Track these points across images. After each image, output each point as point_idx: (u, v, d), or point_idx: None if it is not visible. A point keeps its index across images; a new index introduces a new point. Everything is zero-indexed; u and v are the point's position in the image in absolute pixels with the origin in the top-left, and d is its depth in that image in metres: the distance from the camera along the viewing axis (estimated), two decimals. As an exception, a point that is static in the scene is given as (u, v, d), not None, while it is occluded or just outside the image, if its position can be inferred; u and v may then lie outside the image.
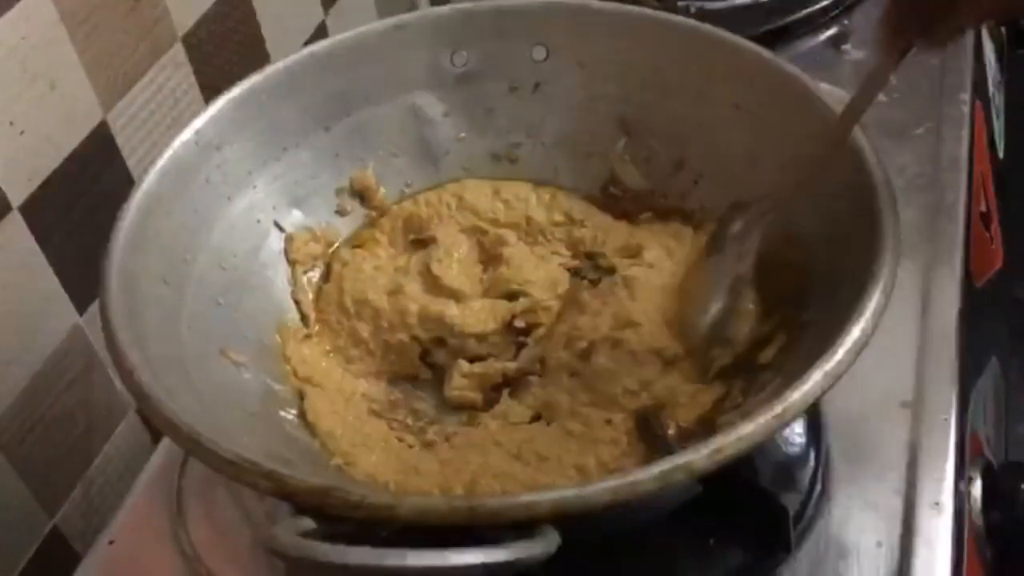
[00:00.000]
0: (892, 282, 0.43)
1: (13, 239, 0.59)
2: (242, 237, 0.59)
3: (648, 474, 0.37)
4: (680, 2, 0.83)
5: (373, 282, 0.61)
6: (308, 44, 0.63)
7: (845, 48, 0.83)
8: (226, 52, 0.76)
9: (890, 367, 0.57)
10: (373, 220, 0.65)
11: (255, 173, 0.60)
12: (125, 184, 0.63)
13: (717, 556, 0.50)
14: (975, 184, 0.71)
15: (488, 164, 0.66)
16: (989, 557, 0.55)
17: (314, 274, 0.62)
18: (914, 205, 0.66)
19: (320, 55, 0.62)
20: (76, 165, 0.62)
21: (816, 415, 0.55)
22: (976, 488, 0.55)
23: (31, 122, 0.59)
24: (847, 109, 0.49)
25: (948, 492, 0.52)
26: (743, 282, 0.53)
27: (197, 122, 0.57)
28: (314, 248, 0.62)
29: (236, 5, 0.76)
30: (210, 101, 0.58)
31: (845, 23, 0.85)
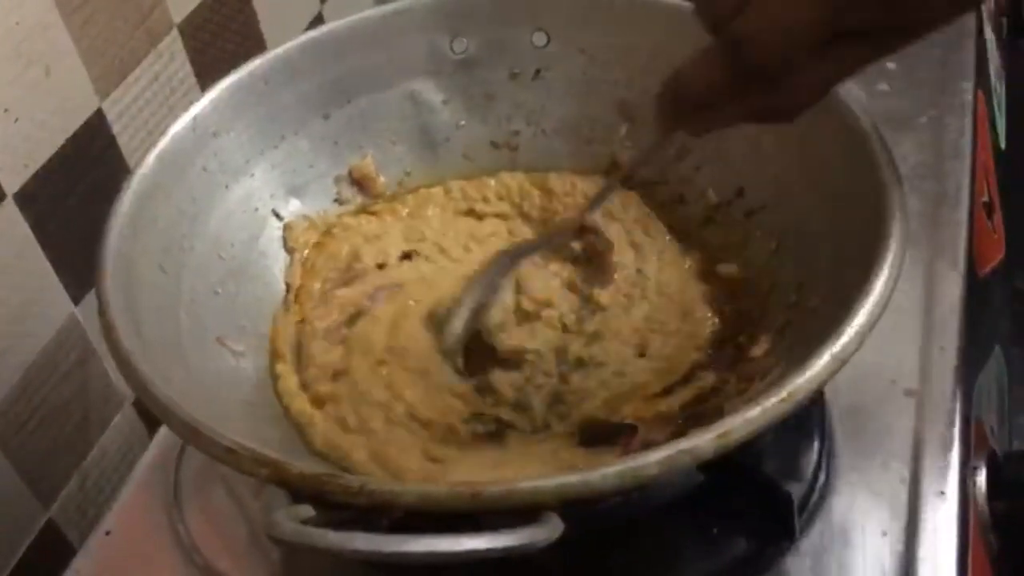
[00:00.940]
0: (900, 265, 0.43)
1: (7, 227, 0.58)
2: (240, 226, 0.59)
3: (652, 459, 0.37)
4: (681, -13, 0.82)
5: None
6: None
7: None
8: (222, 41, 0.75)
9: (894, 356, 0.57)
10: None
11: (253, 161, 0.60)
12: (121, 173, 0.63)
13: (721, 545, 0.50)
14: (978, 174, 0.71)
15: (488, 151, 0.66)
16: (994, 546, 0.55)
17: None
18: (917, 194, 0.66)
19: (319, 40, 0.62)
20: (71, 152, 0.62)
21: (820, 403, 0.54)
22: (981, 477, 0.55)
23: (25, 108, 0.58)
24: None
25: (953, 481, 0.52)
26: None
27: (195, 108, 0.57)
28: (312, 237, 0.62)
29: (233, -7, 0.76)
30: (207, 88, 0.58)
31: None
